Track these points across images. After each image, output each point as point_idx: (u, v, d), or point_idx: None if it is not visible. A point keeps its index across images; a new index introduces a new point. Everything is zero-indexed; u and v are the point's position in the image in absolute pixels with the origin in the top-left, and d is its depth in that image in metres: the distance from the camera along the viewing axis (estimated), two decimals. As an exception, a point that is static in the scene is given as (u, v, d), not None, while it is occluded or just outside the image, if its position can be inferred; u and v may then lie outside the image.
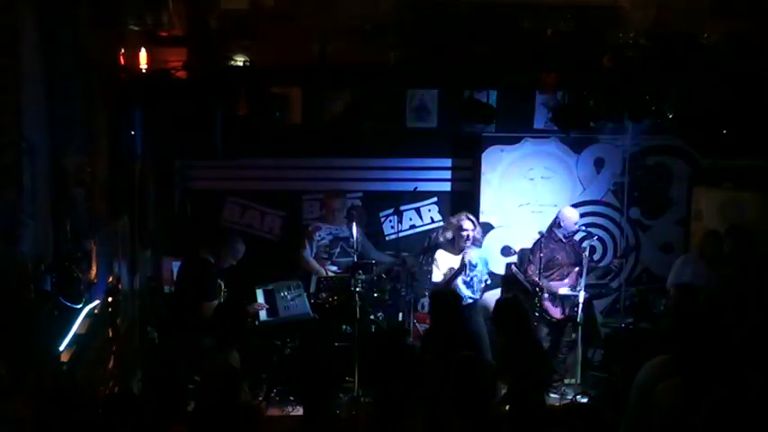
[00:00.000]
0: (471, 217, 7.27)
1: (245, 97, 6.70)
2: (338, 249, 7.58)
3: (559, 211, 7.53)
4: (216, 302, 6.45)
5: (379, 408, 4.34)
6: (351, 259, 7.36)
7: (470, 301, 7.12)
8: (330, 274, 7.51)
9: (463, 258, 7.07)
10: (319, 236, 7.62)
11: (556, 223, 7.43)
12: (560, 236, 7.38)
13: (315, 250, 7.63)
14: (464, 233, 7.10)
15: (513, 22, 6.87)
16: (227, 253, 6.82)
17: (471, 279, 7.16)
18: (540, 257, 7.24)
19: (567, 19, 6.85)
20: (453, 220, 7.29)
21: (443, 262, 7.21)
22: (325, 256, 7.61)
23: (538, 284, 7.21)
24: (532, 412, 4.27)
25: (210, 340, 5.63)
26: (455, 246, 7.20)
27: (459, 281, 7.12)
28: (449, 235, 7.21)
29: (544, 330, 7.27)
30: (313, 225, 7.75)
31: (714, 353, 4.06)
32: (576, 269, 7.30)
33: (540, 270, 7.23)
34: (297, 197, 8.44)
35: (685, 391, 3.94)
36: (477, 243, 7.26)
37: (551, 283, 7.28)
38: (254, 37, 6.66)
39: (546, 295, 7.25)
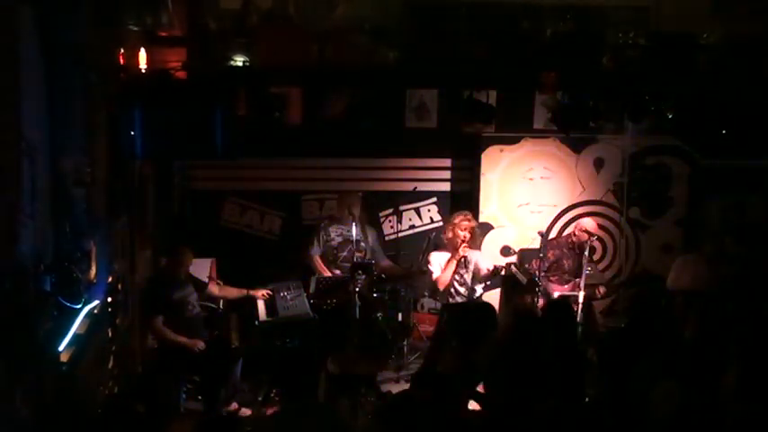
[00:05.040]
0: (470, 217, 7.24)
1: (245, 97, 6.69)
2: (346, 253, 7.56)
3: (580, 219, 7.59)
4: (161, 317, 6.40)
5: None
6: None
7: (465, 300, 7.12)
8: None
9: (456, 254, 7.05)
10: (329, 236, 7.60)
11: (574, 231, 7.43)
12: (574, 243, 7.34)
13: (323, 250, 7.62)
14: (462, 233, 7.07)
15: (513, 22, 6.87)
16: (176, 263, 6.63)
17: (463, 277, 7.15)
18: (549, 257, 7.24)
19: (566, 19, 6.85)
20: (454, 220, 7.25)
21: (438, 262, 7.18)
22: (331, 258, 7.60)
23: (537, 283, 7.16)
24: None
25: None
26: (450, 246, 7.18)
27: (454, 281, 7.13)
28: (449, 234, 7.17)
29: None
30: (324, 223, 7.73)
31: (711, 356, 4.07)
32: (576, 281, 7.25)
33: (544, 269, 7.23)
34: (297, 197, 8.44)
35: (683, 393, 3.94)
36: (473, 243, 7.25)
37: (549, 283, 7.25)
38: (253, 37, 6.66)
39: (542, 295, 7.22)
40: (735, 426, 3.74)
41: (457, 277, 7.13)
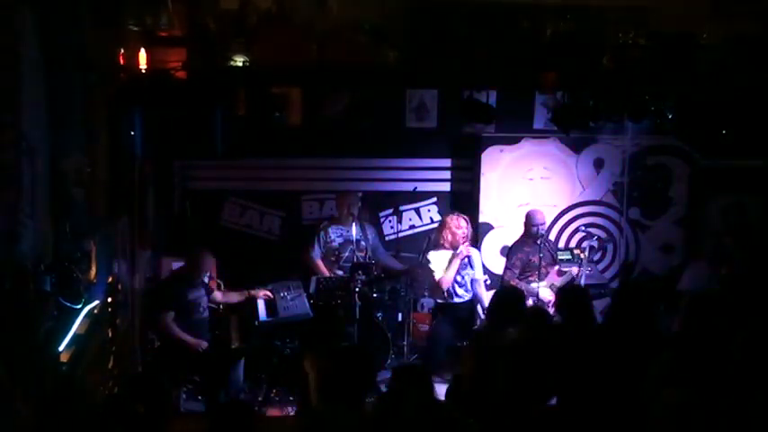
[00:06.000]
0: (464, 216, 7.25)
1: (244, 97, 6.69)
2: (347, 253, 7.56)
3: (526, 213, 7.51)
4: (172, 313, 6.41)
5: None
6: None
7: (463, 300, 7.09)
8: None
9: (459, 252, 7.02)
10: (329, 237, 7.60)
11: (526, 225, 7.41)
12: (531, 238, 7.34)
13: (324, 251, 7.62)
14: (459, 231, 7.07)
15: (513, 22, 6.87)
16: (195, 266, 6.64)
17: (464, 278, 7.14)
18: (516, 262, 7.26)
19: (566, 19, 6.85)
20: (448, 220, 7.23)
21: (439, 261, 7.16)
22: (333, 259, 7.60)
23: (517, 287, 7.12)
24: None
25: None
26: (450, 247, 7.14)
27: (454, 282, 7.12)
28: (447, 236, 7.14)
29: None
30: (324, 225, 7.73)
31: (721, 358, 4.05)
32: (556, 268, 7.28)
33: (517, 275, 7.25)
34: (296, 197, 8.44)
35: (692, 397, 3.92)
36: (470, 241, 7.25)
37: (530, 286, 7.23)
38: (253, 37, 6.66)
39: (530, 298, 7.22)
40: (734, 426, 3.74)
41: (458, 278, 7.12)
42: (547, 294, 7.17)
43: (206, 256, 6.65)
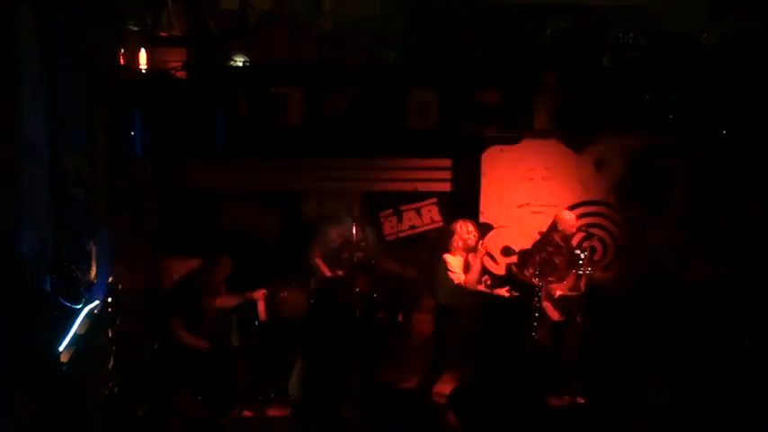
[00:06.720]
0: (470, 220, 7.21)
1: (244, 97, 6.69)
2: (347, 253, 7.55)
3: (557, 215, 7.50)
4: (183, 320, 6.38)
5: None
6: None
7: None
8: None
9: (478, 251, 6.95)
10: (330, 237, 7.60)
11: (553, 227, 7.41)
12: (558, 239, 7.35)
13: (324, 251, 7.62)
14: (469, 236, 7.00)
15: (513, 22, 6.89)
16: (213, 269, 6.61)
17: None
18: (537, 261, 7.25)
19: (566, 19, 6.86)
20: (456, 227, 7.15)
21: (456, 266, 7.10)
22: (333, 259, 7.59)
23: (537, 287, 7.15)
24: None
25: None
26: (465, 251, 7.08)
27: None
28: (457, 243, 7.05)
29: (544, 332, 7.26)
30: (324, 224, 7.73)
31: (711, 355, 4.06)
32: (573, 271, 7.30)
33: (537, 273, 7.24)
34: (297, 197, 8.43)
35: (678, 394, 3.93)
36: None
37: (550, 285, 7.24)
38: (253, 37, 6.67)
39: (545, 297, 7.23)
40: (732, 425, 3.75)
41: None
42: (567, 294, 7.25)
43: (225, 259, 6.59)
